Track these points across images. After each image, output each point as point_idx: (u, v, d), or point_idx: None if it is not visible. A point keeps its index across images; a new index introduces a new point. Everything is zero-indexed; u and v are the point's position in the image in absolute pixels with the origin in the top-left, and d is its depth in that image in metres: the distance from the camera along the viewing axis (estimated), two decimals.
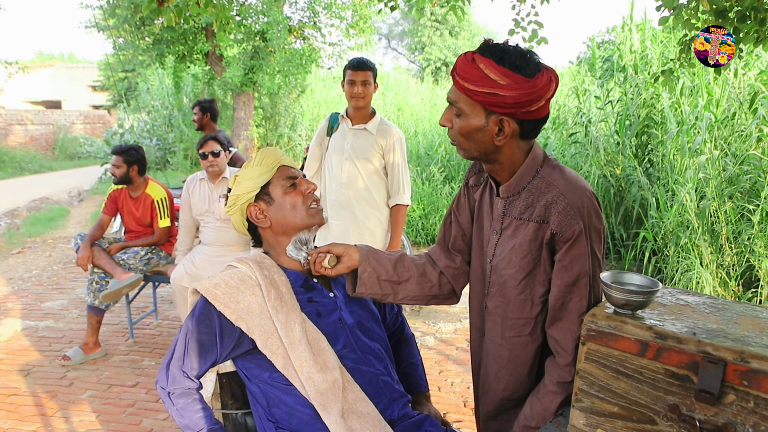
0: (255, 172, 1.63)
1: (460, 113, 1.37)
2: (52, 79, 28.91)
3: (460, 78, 1.33)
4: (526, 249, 1.42)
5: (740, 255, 4.80)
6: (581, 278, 1.36)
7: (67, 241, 7.69)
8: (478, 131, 1.37)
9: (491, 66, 1.29)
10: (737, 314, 1.27)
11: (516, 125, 1.35)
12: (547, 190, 1.38)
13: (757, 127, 5.16)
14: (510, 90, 1.28)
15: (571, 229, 1.34)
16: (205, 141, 3.83)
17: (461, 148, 1.43)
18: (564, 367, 1.40)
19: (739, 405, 1.06)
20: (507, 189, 1.46)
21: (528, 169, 1.43)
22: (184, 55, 11.38)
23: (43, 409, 3.32)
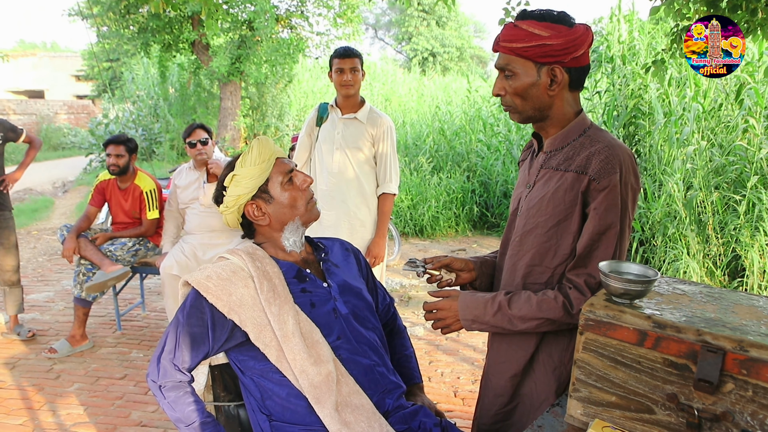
0: (255, 171, 1.58)
1: (512, 74, 1.45)
2: (34, 68, 28.48)
3: (507, 42, 1.43)
4: (560, 198, 1.47)
5: (727, 245, 4.85)
6: (611, 228, 1.41)
7: (52, 233, 7.60)
8: (532, 86, 1.44)
9: (534, 24, 1.41)
10: (734, 303, 1.27)
11: (566, 74, 1.44)
12: (591, 145, 1.45)
13: (743, 119, 5.20)
14: (556, 39, 1.39)
15: (608, 178, 1.39)
16: (192, 129, 3.81)
17: (517, 111, 1.50)
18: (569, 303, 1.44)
19: (737, 394, 1.06)
20: (552, 142, 1.53)
21: (576, 127, 1.50)
22: (169, 44, 11.27)
23: (30, 403, 3.28)
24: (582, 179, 1.42)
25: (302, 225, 1.65)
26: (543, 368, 1.58)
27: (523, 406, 1.64)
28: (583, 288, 1.43)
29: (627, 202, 1.42)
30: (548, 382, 1.58)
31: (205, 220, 3.84)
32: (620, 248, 1.44)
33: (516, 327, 1.48)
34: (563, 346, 1.56)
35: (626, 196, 1.42)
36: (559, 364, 1.56)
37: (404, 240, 7.55)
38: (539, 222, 1.50)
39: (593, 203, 1.41)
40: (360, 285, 1.72)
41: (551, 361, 1.57)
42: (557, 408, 1.35)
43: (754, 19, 2.82)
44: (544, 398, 1.58)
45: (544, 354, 1.58)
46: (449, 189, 8.07)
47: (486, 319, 1.50)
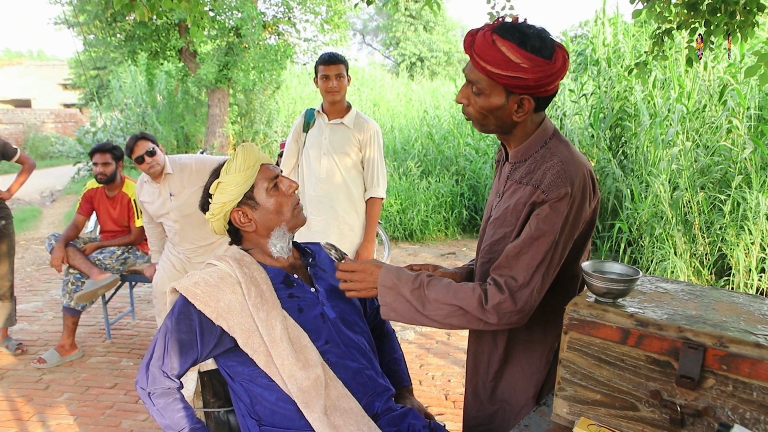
0: (240, 178, 1.58)
1: (480, 92, 1.41)
2: (20, 77, 28.32)
3: (482, 60, 1.36)
4: (520, 210, 1.46)
5: (713, 244, 4.90)
6: (545, 236, 1.38)
7: (40, 242, 7.55)
8: (498, 108, 1.41)
9: (513, 50, 1.33)
10: (715, 300, 1.29)
11: (533, 102, 1.40)
12: (550, 159, 1.43)
13: (726, 119, 5.26)
14: (532, 73, 1.33)
15: (557, 191, 1.37)
16: (133, 144, 3.51)
17: (478, 123, 1.48)
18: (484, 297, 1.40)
19: (718, 389, 1.08)
20: (515, 155, 1.52)
21: (537, 140, 1.48)
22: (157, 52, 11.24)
23: (19, 414, 3.26)
24: (536, 192, 1.41)
25: (289, 231, 1.65)
26: (520, 374, 1.60)
27: (503, 411, 1.66)
28: (503, 287, 1.39)
29: (569, 217, 1.39)
30: (526, 388, 1.60)
31: (182, 233, 3.64)
32: (551, 261, 1.40)
33: (426, 311, 1.43)
34: (538, 353, 1.58)
35: (570, 213, 1.39)
36: (536, 370, 1.59)
37: (394, 244, 7.56)
38: (506, 232, 1.50)
39: (536, 211, 1.40)
40: None
41: (528, 367, 1.59)
42: (543, 407, 1.37)
43: (733, 22, 2.87)
44: (524, 404, 1.60)
45: (518, 360, 1.60)
46: (438, 193, 8.10)
47: (403, 291, 1.45)
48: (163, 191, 3.58)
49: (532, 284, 1.38)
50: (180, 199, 3.54)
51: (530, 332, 1.57)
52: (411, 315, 1.46)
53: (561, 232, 1.39)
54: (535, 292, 1.39)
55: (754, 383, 1.04)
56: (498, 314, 1.38)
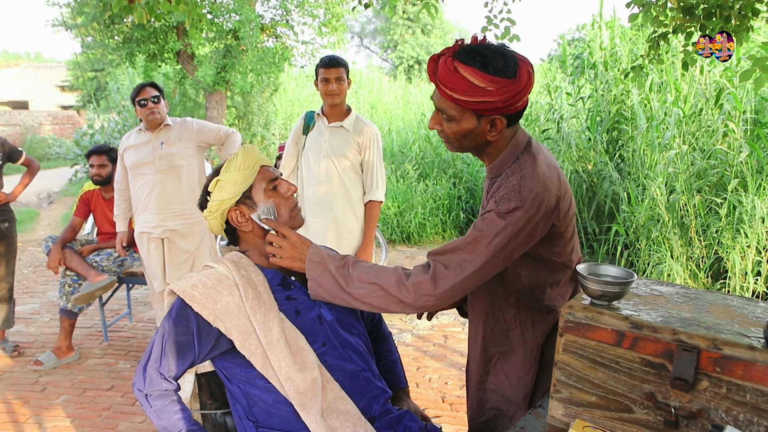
0: (239, 176, 1.59)
1: (451, 119, 1.41)
2: (18, 78, 28.28)
3: (447, 89, 1.36)
4: None
5: (709, 247, 4.91)
6: (485, 237, 1.37)
7: (37, 244, 7.54)
8: (471, 131, 1.42)
9: (476, 74, 1.32)
10: (709, 303, 1.30)
11: (505, 120, 1.41)
12: (512, 175, 1.44)
13: (722, 123, 5.28)
14: (498, 95, 1.33)
15: (506, 204, 1.37)
16: (141, 88, 3.55)
17: (453, 146, 1.50)
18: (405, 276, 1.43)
19: (712, 391, 1.09)
20: (491, 171, 1.54)
21: (508, 156, 1.49)
22: (155, 54, 11.23)
23: (16, 416, 3.26)
24: (490, 203, 1.44)
25: None
26: (505, 382, 1.62)
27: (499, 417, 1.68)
28: (429, 269, 1.41)
29: (516, 231, 1.38)
30: (514, 394, 1.62)
31: (159, 188, 3.53)
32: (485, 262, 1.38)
33: (349, 288, 1.46)
34: (519, 359, 1.61)
35: (517, 227, 1.37)
36: (522, 374, 1.61)
37: (391, 247, 7.57)
38: None
39: (485, 214, 1.42)
40: None
41: (512, 374, 1.61)
42: (539, 409, 1.38)
43: (728, 26, 2.88)
44: (516, 409, 1.63)
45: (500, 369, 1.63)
46: (436, 196, 8.11)
47: (329, 266, 1.49)
48: (154, 140, 3.56)
49: (459, 277, 1.38)
50: (171, 149, 3.54)
51: (508, 340, 1.60)
52: (335, 292, 1.49)
53: (505, 242, 1.37)
54: (458, 284, 1.39)
55: (748, 385, 1.05)
56: (414, 293, 1.40)
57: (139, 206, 3.62)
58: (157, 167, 3.52)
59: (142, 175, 3.58)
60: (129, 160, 3.61)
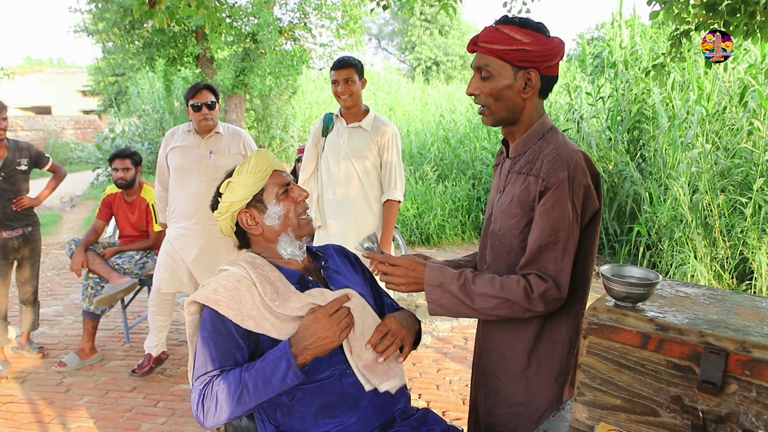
0: (250, 179, 1.60)
1: (489, 75, 1.50)
2: (41, 84, 28.75)
3: (488, 43, 1.48)
4: (524, 200, 1.52)
5: (734, 248, 4.83)
6: (559, 222, 1.45)
7: (60, 247, 7.65)
8: (507, 88, 1.50)
9: (515, 29, 1.46)
10: (737, 305, 1.27)
11: (539, 81, 1.50)
12: (545, 147, 1.52)
13: (747, 121, 5.19)
14: (535, 45, 1.45)
15: (556, 176, 1.45)
16: (197, 90, 3.38)
17: (490, 112, 1.55)
18: (529, 287, 1.45)
19: (741, 395, 1.07)
20: (516, 148, 1.60)
21: (536, 131, 1.57)
22: (174, 58, 11.35)
23: (41, 416, 3.30)
24: (537, 182, 1.49)
25: (296, 238, 1.65)
26: (545, 374, 1.59)
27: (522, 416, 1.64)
28: (543, 276, 1.46)
29: (575, 199, 1.47)
30: (549, 389, 1.59)
31: (202, 198, 3.35)
32: (569, 242, 1.47)
33: (475, 304, 1.49)
34: (562, 353, 1.58)
35: (574, 193, 1.46)
36: (560, 372, 1.58)
37: (410, 249, 7.56)
38: (512, 224, 1.55)
39: (541, 201, 1.47)
40: (363, 290, 1.72)
41: (551, 366, 1.58)
42: (562, 412, 1.36)
43: (753, 22, 2.83)
44: (547, 406, 1.59)
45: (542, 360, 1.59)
46: (455, 197, 8.08)
47: (450, 288, 1.50)
48: (203, 148, 3.42)
49: (565, 269, 1.47)
50: (220, 160, 3.40)
51: (554, 332, 1.59)
52: (458, 309, 1.52)
53: (571, 218, 1.46)
54: (568, 275, 1.48)
55: None
56: (545, 301, 1.45)
57: (177, 212, 3.51)
58: (202, 177, 3.42)
59: (186, 182, 3.45)
60: (174, 161, 3.48)
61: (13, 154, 3.84)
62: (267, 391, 1.38)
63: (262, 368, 1.39)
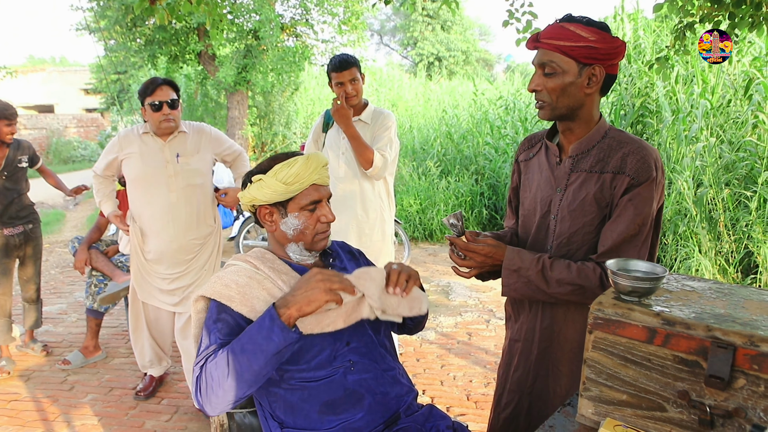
0: (281, 188, 1.53)
1: (553, 71, 1.53)
2: (44, 83, 28.76)
3: (553, 39, 1.52)
4: (601, 198, 1.57)
5: (739, 242, 4.81)
6: (645, 217, 1.52)
7: (63, 245, 7.66)
8: (571, 84, 1.53)
9: (581, 28, 1.50)
10: (744, 299, 1.26)
11: (603, 77, 1.54)
12: (623, 146, 1.56)
13: (752, 114, 5.16)
14: (601, 43, 1.49)
15: (647, 174, 1.51)
16: (156, 86, 2.85)
17: (550, 107, 1.57)
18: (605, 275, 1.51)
19: (749, 389, 1.05)
20: (578, 146, 1.62)
21: (599, 129, 1.61)
22: (176, 56, 11.32)
23: (45, 414, 3.30)
24: (621, 179, 1.53)
25: (306, 249, 1.63)
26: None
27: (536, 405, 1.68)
28: None
29: (655, 198, 1.54)
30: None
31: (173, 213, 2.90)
32: (647, 238, 1.55)
33: (550, 289, 1.55)
34: None
35: (656, 193, 1.54)
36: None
37: (414, 245, 7.55)
38: (586, 221, 1.59)
39: (628, 195, 1.52)
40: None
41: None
42: (568, 408, 1.35)
43: (759, 14, 2.80)
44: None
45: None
46: (458, 192, 8.06)
47: (529, 273, 1.56)
48: (167, 151, 2.92)
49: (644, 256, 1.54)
50: (189, 163, 2.96)
51: None
52: (532, 293, 1.59)
53: (652, 206, 1.54)
54: None
55: None
56: None
57: (146, 231, 3.03)
58: (171, 186, 2.93)
59: (151, 196, 2.95)
60: (132, 170, 2.95)
61: (14, 153, 3.83)
62: (256, 354, 1.32)
63: (248, 330, 1.36)
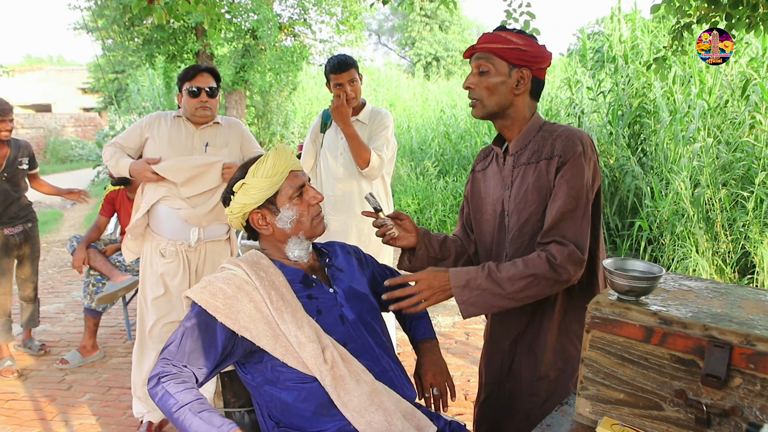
0: (265, 183, 1.57)
1: (487, 70, 1.64)
2: (41, 82, 28.70)
3: (488, 43, 1.64)
4: (541, 185, 1.62)
5: (735, 242, 4.82)
6: (579, 190, 1.56)
7: (61, 245, 7.65)
8: (501, 84, 1.64)
9: (511, 34, 1.65)
10: (740, 298, 1.27)
11: (530, 80, 1.66)
12: (552, 134, 1.65)
13: (749, 114, 5.17)
14: (529, 47, 1.63)
15: (573, 150, 1.58)
16: (196, 71, 2.75)
17: (482, 105, 1.67)
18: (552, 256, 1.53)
19: (745, 388, 1.06)
20: (516, 143, 1.71)
21: (533, 126, 1.70)
22: (174, 55, 11.31)
23: (43, 414, 3.30)
24: (553, 162, 1.60)
25: (306, 239, 1.65)
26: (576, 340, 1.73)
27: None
28: (562, 242, 1.54)
29: (589, 170, 1.59)
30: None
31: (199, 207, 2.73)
32: (586, 210, 1.58)
33: (505, 290, 1.52)
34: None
35: (588, 166, 1.59)
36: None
37: None
38: (531, 212, 1.64)
39: (560, 173, 1.58)
40: (365, 290, 1.72)
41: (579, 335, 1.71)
42: (565, 407, 1.35)
43: (756, 15, 2.81)
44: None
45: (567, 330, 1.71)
46: (456, 192, 8.07)
47: (478, 282, 1.53)
48: (196, 138, 2.80)
49: (584, 233, 1.57)
50: (218, 155, 2.81)
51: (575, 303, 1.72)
52: (491, 302, 1.54)
53: (587, 182, 1.58)
54: (587, 238, 1.58)
55: None
56: (570, 264, 1.52)
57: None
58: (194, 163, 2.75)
59: (167, 197, 2.76)
60: (155, 153, 2.74)
61: (15, 154, 3.82)
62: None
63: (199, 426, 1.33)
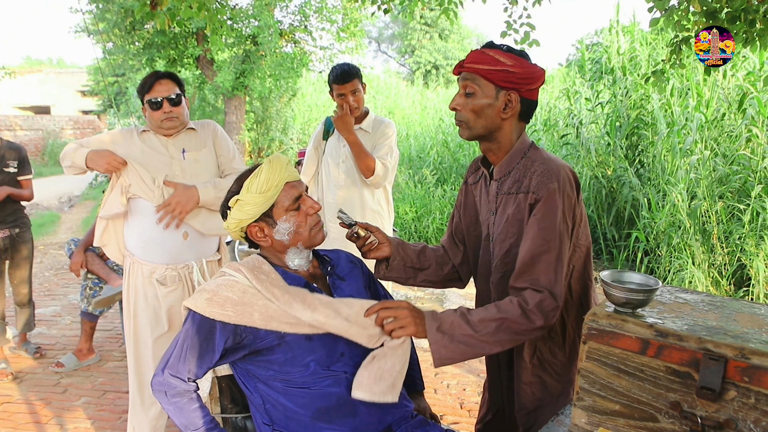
0: (260, 198, 1.55)
1: (473, 92, 1.57)
2: (40, 84, 28.72)
3: (474, 63, 1.56)
4: (520, 219, 1.57)
5: (732, 254, 4.85)
6: (551, 231, 1.49)
7: (58, 247, 7.64)
8: (488, 107, 1.57)
9: (500, 53, 1.55)
10: (735, 311, 1.28)
11: (519, 103, 1.57)
12: (531, 167, 1.58)
13: (746, 128, 5.21)
14: (517, 68, 1.53)
15: (546, 188, 1.51)
16: (153, 81, 2.46)
17: (468, 127, 1.61)
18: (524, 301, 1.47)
19: (740, 401, 1.07)
20: (499, 169, 1.65)
21: (517, 151, 1.63)
22: (174, 60, 11.35)
23: (38, 417, 3.29)
24: (528, 197, 1.54)
25: (305, 248, 1.65)
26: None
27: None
28: (536, 288, 1.48)
29: (565, 210, 1.52)
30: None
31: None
32: (562, 252, 1.50)
33: (477, 332, 1.46)
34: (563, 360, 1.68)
35: (564, 205, 1.51)
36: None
37: None
38: (512, 243, 1.60)
39: (533, 212, 1.52)
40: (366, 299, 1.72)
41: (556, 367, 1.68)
42: (561, 417, 1.36)
43: (753, 30, 2.84)
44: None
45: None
46: (453, 201, 8.07)
47: (452, 323, 1.49)
48: (171, 147, 2.54)
49: (559, 278, 1.49)
50: (198, 159, 2.58)
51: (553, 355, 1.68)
52: (463, 348, 1.47)
53: (562, 222, 1.51)
54: (562, 284, 1.49)
55: None
56: (542, 312, 1.45)
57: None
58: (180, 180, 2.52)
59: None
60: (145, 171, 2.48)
61: (2, 155, 3.77)
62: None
63: None
